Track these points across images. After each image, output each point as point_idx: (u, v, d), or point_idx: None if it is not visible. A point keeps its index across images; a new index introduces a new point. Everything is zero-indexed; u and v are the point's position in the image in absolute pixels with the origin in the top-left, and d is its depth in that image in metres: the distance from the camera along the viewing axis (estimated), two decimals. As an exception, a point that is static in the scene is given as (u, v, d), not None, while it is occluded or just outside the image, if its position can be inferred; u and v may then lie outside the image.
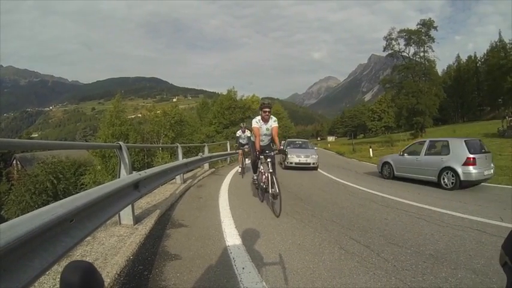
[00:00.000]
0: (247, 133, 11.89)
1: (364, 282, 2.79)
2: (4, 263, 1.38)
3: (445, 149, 9.43)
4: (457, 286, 2.73)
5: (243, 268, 3.05)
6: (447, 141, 9.61)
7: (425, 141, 10.46)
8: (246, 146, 11.75)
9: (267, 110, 6.04)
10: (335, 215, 5.45)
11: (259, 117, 6.18)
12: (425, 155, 9.98)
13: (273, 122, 6.20)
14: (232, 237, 4.07)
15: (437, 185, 9.02)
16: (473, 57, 74.84)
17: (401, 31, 48.24)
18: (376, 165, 13.35)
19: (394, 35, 48.71)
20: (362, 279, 2.85)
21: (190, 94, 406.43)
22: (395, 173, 11.17)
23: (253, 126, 6.15)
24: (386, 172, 11.63)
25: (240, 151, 12.46)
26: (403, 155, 11.03)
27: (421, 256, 3.42)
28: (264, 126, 6.23)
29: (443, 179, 8.93)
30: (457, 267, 3.10)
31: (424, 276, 2.91)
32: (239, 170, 12.04)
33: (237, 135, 12.71)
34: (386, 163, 11.81)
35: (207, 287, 2.74)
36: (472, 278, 2.88)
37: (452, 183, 8.67)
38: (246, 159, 12.34)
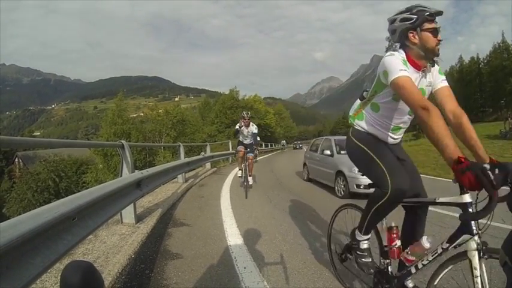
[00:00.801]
0: (253, 128, 8.19)
1: (365, 283, 2.79)
2: (6, 260, 1.38)
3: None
4: (459, 287, 2.72)
5: (245, 268, 3.05)
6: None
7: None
8: (251, 155, 8.02)
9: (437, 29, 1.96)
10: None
11: (402, 56, 2.04)
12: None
13: (440, 76, 2.13)
14: (233, 237, 4.07)
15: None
16: (475, 59, 74.49)
17: (404, 32, 48.25)
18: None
19: (396, 36, 48.75)
20: (363, 279, 2.85)
21: (192, 93, 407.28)
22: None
23: (397, 74, 1.87)
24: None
25: (241, 150, 8.09)
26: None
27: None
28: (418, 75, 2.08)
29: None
30: (458, 269, 3.08)
31: (425, 277, 2.89)
32: (239, 174, 8.19)
33: (237, 127, 8.19)
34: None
35: (209, 286, 2.74)
36: (474, 279, 2.86)
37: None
38: (250, 178, 7.86)
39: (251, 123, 8.23)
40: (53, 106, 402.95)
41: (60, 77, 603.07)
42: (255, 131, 8.26)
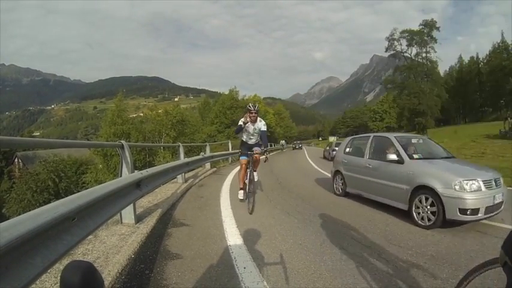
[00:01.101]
0: (261, 124, 6.30)
1: (365, 282, 2.79)
2: (6, 260, 1.38)
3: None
4: (459, 287, 2.72)
5: (244, 268, 3.05)
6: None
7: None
8: (257, 149, 6.32)
9: None
10: (336, 215, 5.44)
11: None
12: None
13: None
14: (233, 237, 4.07)
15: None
16: (475, 58, 74.78)
17: (403, 32, 48.47)
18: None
19: (396, 36, 49.03)
20: (363, 279, 2.85)
21: (192, 93, 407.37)
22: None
23: None
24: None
25: (243, 161, 6.27)
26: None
27: (422, 257, 3.41)
28: None
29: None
30: (458, 269, 3.09)
31: (424, 277, 2.91)
32: (240, 197, 6.45)
33: (240, 123, 6.22)
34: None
35: (208, 286, 2.74)
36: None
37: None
38: (255, 174, 6.41)
39: (258, 118, 6.30)
40: (53, 106, 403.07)
41: (60, 77, 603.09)
42: (264, 128, 6.32)
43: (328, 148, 23.67)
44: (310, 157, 24.43)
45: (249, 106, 6.24)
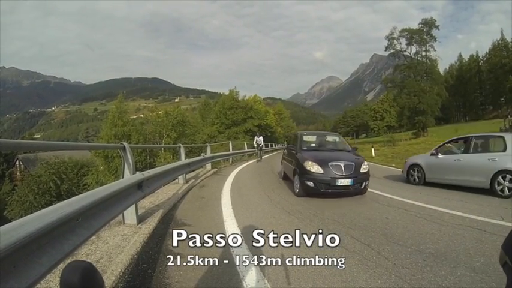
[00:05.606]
0: (260, 138, 19.96)
1: (365, 280, 2.84)
2: (14, 259, 1.43)
3: (499, 147, 7.33)
4: (457, 284, 2.76)
5: (245, 266, 3.09)
6: (502, 137, 7.39)
7: (468, 138, 8.12)
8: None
9: None
10: (336, 214, 5.48)
11: None
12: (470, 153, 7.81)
13: None
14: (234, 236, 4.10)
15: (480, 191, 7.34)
16: (475, 56, 74.74)
17: (403, 30, 48.23)
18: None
19: (395, 35, 48.77)
20: (362, 277, 2.90)
21: (192, 94, 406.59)
22: (426, 177, 8.84)
23: None
24: (416, 177, 9.15)
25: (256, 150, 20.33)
26: (436, 155, 8.69)
27: (421, 254, 3.45)
28: None
29: (497, 184, 6.91)
30: (457, 266, 3.13)
31: (423, 274, 2.95)
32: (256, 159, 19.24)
33: (255, 139, 20.12)
34: (415, 165, 9.27)
35: (210, 284, 2.79)
36: (471, 276, 2.91)
37: (509, 189, 6.64)
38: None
39: (261, 137, 20.29)
40: (53, 108, 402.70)
41: (60, 79, 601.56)
42: (261, 140, 20.02)
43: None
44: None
45: (257, 135, 20.85)
